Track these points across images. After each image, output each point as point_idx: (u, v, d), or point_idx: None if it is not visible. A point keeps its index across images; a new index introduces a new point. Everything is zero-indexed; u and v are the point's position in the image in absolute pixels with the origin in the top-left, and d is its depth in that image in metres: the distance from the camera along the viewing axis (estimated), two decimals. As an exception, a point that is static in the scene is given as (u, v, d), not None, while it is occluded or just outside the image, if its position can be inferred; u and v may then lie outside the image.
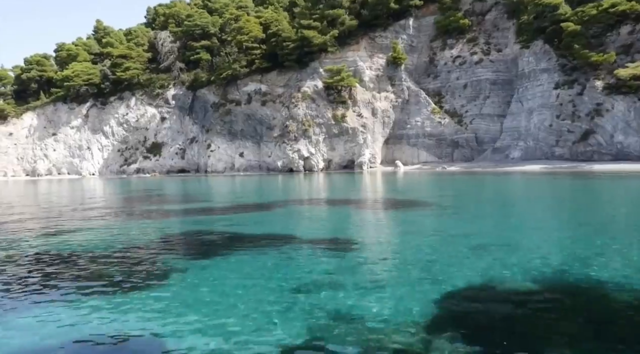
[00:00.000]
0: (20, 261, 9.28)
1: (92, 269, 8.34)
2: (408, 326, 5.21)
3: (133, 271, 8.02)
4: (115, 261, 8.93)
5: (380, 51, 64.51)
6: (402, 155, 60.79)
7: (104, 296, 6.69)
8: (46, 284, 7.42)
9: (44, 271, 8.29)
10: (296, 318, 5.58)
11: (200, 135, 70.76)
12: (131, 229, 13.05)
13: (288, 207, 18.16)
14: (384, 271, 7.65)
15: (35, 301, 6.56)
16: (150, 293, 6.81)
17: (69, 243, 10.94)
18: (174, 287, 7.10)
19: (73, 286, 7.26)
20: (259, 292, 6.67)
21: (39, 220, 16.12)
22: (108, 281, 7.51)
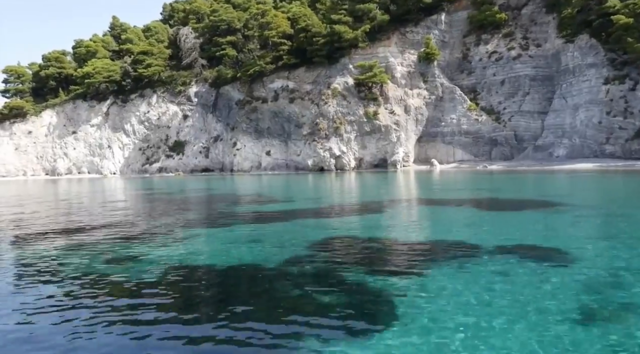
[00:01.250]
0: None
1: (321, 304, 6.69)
2: None
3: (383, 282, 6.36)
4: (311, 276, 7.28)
5: (412, 47, 62.80)
6: (436, 153, 59.05)
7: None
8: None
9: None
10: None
11: (225, 133, 69.08)
12: (293, 236, 11.37)
13: (398, 208, 16.46)
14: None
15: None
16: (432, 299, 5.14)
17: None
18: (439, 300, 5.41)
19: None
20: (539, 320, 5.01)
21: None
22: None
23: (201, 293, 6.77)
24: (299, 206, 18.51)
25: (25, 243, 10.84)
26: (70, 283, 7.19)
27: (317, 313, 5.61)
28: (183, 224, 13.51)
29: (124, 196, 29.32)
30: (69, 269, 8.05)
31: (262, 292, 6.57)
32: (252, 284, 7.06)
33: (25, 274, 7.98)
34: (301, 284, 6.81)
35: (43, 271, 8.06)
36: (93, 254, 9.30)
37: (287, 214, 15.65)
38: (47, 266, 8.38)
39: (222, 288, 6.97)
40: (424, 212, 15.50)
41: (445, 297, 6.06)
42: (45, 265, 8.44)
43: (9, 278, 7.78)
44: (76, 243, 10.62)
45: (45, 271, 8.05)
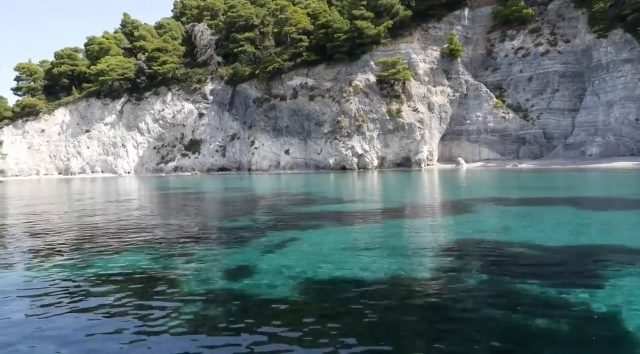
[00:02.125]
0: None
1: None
2: None
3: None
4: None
5: (434, 43, 61.48)
6: (461, 152, 57.72)
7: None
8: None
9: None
10: None
11: (242, 132, 67.77)
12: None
13: (485, 207, 15.10)
14: None
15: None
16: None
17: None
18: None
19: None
20: None
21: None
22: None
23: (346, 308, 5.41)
24: (373, 206, 17.11)
25: (41, 255, 9.53)
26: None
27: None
28: (267, 226, 12.20)
29: (162, 197, 27.96)
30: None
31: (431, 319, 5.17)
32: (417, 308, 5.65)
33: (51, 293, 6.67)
34: (485, 305, 5.42)
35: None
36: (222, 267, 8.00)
37: (368, 214, 14.32)
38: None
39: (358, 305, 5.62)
40: (521, 212, 14.15)
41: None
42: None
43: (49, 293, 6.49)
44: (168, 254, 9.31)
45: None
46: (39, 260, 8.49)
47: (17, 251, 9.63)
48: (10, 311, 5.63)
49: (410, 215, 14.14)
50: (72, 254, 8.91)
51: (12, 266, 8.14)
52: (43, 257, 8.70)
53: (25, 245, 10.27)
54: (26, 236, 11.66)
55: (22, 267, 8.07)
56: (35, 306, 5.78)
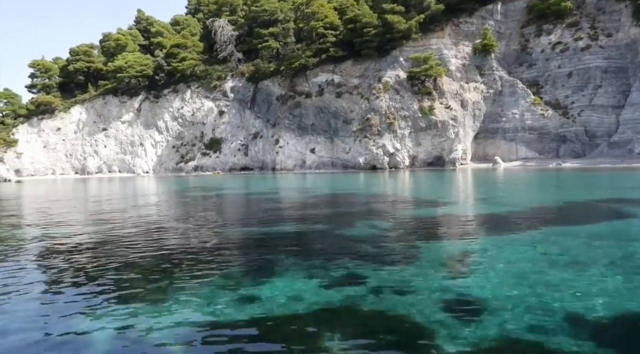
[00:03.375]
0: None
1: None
2: None
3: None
4: None
5: (466, 38, 59.47)
6: (496, 151, 55.64)
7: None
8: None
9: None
10: None
11: (265, 130, 65.67)
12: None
13: (609, 209, 13.05)
14: None
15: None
16: None
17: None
18: None
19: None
20: None
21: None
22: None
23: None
24: (500, 208, 15.06)
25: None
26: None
27: None
28: (413, 235, 10.12)
29: (211, 200, 25.83)
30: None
31: None
32: None
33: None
34: None
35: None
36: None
37: (511, 219, 12.23)
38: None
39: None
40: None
41: None
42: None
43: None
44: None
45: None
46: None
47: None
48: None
49: (563, 219, 12.04)
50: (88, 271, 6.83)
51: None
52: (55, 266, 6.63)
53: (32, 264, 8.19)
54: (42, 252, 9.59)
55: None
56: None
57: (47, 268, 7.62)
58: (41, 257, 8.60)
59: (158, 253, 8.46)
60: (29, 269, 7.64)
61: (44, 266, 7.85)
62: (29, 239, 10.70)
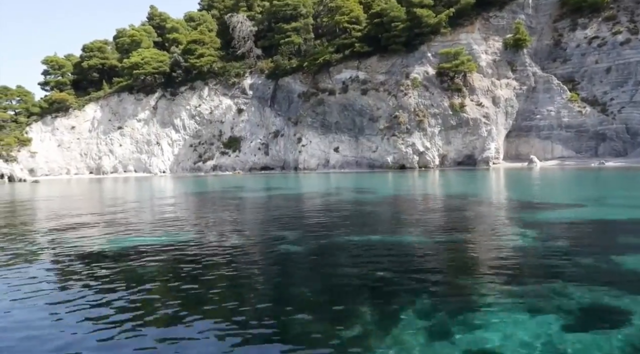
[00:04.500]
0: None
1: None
2: None
3: None
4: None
5: (496, 33, 57.42)
6: (530, 149, 53.56)
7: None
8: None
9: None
10: None
11: (287, 128, 63.66)
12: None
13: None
14: None
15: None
16: None
17: None
18: None
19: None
20: None
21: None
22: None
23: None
24: (617, 212, 13.08)
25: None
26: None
27: None
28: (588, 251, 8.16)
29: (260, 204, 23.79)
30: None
31: None
32: None
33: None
34: None
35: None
36: None
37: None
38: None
39: None
40: None
41: None
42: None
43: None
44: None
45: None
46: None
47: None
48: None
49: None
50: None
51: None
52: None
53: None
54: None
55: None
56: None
57: (96, 280, 5.69)
58: (93, 276, 6.63)
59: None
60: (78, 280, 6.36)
61: (93, 277, 5.90)
62: (68, 248, 8.74)
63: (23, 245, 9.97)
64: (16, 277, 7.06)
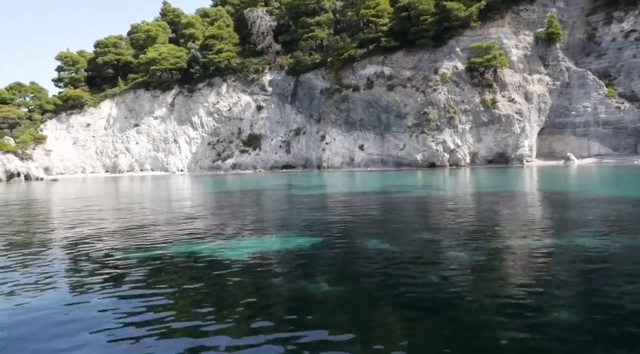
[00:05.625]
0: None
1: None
2: None
3: None
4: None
5: (526, 27, 55.75)
6: (564, 147, 51.86)
7: None
8: None
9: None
10: None
11: (308, 126, 61.94)
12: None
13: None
14: None
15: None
16: None
17: None
18: None
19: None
20: None
21: None
22: None
23: None
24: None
25: None
26: None
27: None
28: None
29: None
30: None
31: None
32: None
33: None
34: None
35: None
36: None
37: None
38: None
39: None
40: None
41: None
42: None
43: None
44: None
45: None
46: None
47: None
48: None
49: None
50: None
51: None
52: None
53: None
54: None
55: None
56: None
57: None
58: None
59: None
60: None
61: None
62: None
63: (68, 249, 8.34)
64: (64, 283, 6.49)
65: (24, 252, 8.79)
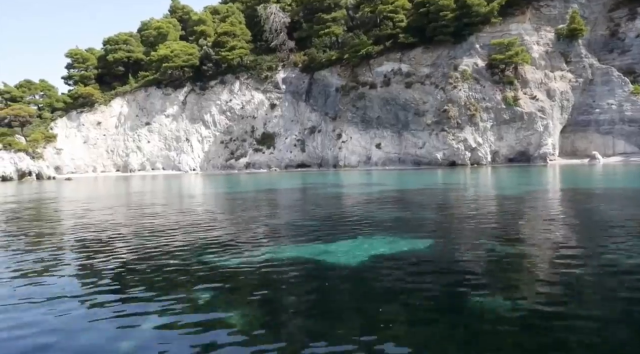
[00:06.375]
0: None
1: None
2: None
3: None
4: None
5: (547, 23, 54.69)
6: (588, 145, 50.79)
7: None
8: None
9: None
10: None
11: (324, 124, 60.89)
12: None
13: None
14: None
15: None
16: None
17: None
18: None
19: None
20: None
21: None
22: None
23: None
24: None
25: None
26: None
27: None
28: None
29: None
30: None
31: None
32: None
33: None
34: None
35: None
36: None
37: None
38: None
39: None
40: None
41: None
42: None
43: None
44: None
45: None
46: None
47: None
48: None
49: None
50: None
51: None
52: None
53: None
54: None
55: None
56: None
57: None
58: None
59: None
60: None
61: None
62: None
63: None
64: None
65: (90, 260, 7.76)
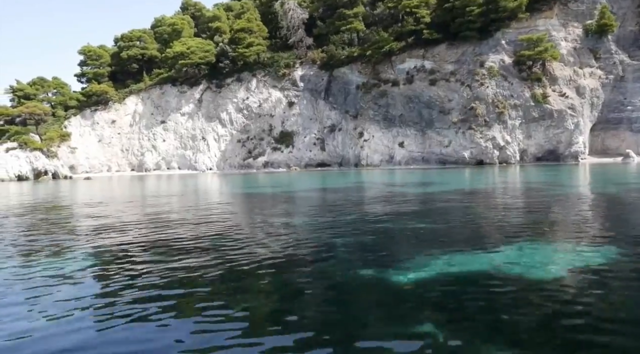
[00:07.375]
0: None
1: None
2: None
3: None
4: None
5: (575, 19, 53.45)
6: (619, 143, 49.57)
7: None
8: None
9: None
10: None
11: (344, 122, 59.60)
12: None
13: None
14: None
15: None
16: None
17: None
18: None
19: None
20: None
21: None
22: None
23: None
24: None
25: None
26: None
27: None
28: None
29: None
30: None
31: None
32: None
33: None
34: None
35: None
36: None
37: None
38: None
39: None
40: None
41: None
42: None
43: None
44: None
45: None
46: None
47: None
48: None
49: None
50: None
51: None
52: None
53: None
54: None
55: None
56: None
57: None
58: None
59: None
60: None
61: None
62: None
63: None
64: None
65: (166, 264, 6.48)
